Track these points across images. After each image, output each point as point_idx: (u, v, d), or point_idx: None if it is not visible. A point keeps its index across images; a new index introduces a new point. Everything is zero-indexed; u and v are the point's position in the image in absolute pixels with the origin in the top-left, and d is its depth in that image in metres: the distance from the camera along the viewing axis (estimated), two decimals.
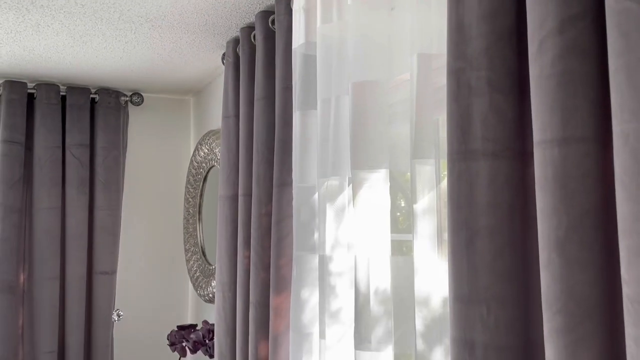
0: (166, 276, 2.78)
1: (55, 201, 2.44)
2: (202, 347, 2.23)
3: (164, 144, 2.85)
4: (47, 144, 2.44)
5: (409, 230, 1.31)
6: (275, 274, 1.54)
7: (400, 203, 1.43)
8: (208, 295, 2.43)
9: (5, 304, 2.32)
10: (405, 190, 1.31)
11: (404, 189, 1.32)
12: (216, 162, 2.44)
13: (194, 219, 2.70)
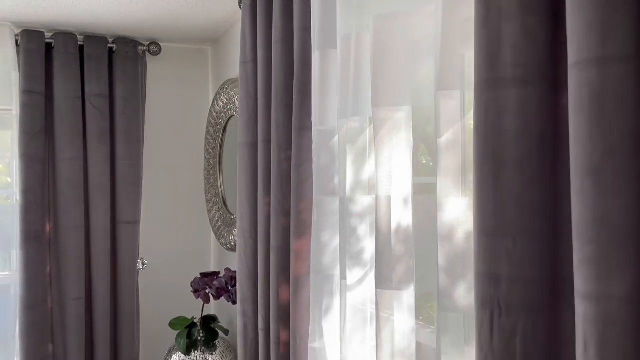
0: (189, 226, 2.82)
1: (77, 151, 2.46)
2: (225, 293, 2.27)
3: (183, 95, 2.83)
4: (66, 95, 2.43)
5: (432, 174, 1.28)
6: (295, 218, 1.53)
7: (422, 145, 1.39)
8: (230, 244, 2.46)
9: (32, 252, 2.37)
10: (428, 129, 1.27)
11: (427, 128, 1.28)
12: (235, 111, 2.42)
13: (214, 169, 2.70)
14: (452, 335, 0.96)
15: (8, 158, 2.49)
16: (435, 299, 1.08)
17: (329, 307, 1.42)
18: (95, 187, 2.49)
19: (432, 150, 1.27)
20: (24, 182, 2.35)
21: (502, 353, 0.80)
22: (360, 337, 1.29)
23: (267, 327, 1.71)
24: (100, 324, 2.47)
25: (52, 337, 2.42)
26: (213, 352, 2.30)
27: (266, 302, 1.73)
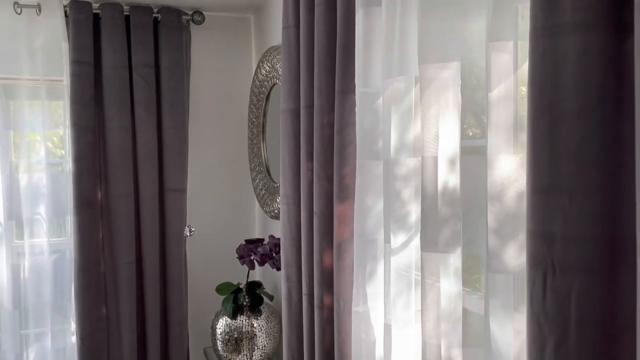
0: (233, 194, 2.85)
1: (126, 120, 2.51)
2: (269, 260, 2.30)
3: (226, 64, 2.84)
4: (114, 64, 2.47)
5: (481, 136, 1.24)
6: (338, 183, 1.52)
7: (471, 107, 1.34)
8: (273, 212, 2.48)
9: (85, 218, 2.45)
10: (476, 89, 1.22)
11: (475, 86, 1.22)
12: (278, 79, 2.40)
13: (257, 138, 2.71)
14: (501, 298, 0.93)
15: (60, 127, 2.57)
16: (482, 263, 1.05)
17: (373, 271, 1.41)
18: (143, 156, 2.54)
19: (476, 113, 1.21)
20: (76, 150, 2.42)
21: (555, 315, 0.77)
22: (405, 301, 1.28)
23: (310, 291, 1.72)
24: (150, 288, 2.55)
25: (106, 300, 2.52)
26: (258, 317, 2.34)
27: (309, 267, 1.73)
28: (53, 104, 2.53)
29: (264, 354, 2.35)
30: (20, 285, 2.45)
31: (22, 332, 2.48)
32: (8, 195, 2.41)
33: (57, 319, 2.52)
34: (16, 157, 2.46)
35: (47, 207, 2.49)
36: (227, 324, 2.33)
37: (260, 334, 2.32)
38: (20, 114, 2.45)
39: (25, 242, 2.46)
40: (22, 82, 2.43)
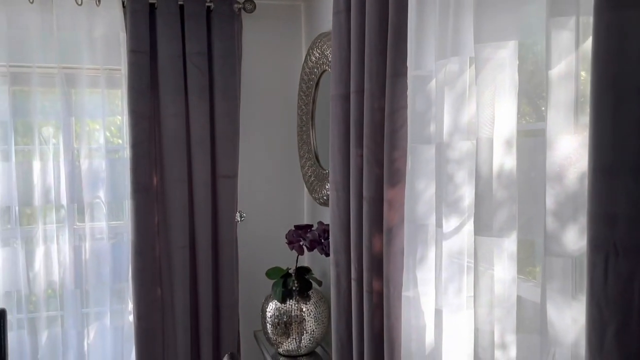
0: (283, 180, 2.89)
1: (180, 108, 2.57)
2: (317, 245, 2.32)
3: (277, 52, 2.86)
4: (169, 53, 2.54)
5: (540, 119, 1.20)
6: (389, 167, 1.51)
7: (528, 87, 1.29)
8: (322, 198, 2.49)
9: (142, 203, 2.54)
10: (535, 66, 1.18)
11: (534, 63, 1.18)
12: (328, 65, 2.40)
13: (307, 125, 2.72)
14: (559, 282, 0.90)
15: (118, 115, 2.67)
16: (537, 248, 1.02)
17: (423, 256, 1.40)
18: (197, 142, 2.60)
19: (534, 93, 1.17)
20: (133, 137, 2.51)
21: (616, 299, 0.74)
22: (457, 286, 1.26)
23: (359, 277, 1.73)
24: (203, 272, 2.62)
25: (160, 282, 2.61)
26: (307, 302, 2.37)
27: (359, 253, 1.73)
28: (111, 92, 2.63)
29: (313, 339, 2.38)
30: (81, 266, 2.58)
31: (83, 311, 2.60)
32: (70, 180, 2.53)
33: (116, 299, 2.64)
34: (77, 143, 2.58)
35: (106, 192, 2.59)
36: (276, 307, 2.37)
37: (309, 319, 2.35)
38: (80, 102, 2.56)
39: (86, 225, 2.58)
40: (83, 71, 2.53)
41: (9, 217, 2.47)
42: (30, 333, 2.50)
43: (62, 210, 2.53)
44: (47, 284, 2.53)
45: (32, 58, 2.45)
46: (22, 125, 2.52)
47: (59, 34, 2.46)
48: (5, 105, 2.42)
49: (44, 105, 2.51)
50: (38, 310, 2.53)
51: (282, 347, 2.39)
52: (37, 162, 2.50)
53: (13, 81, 2.44)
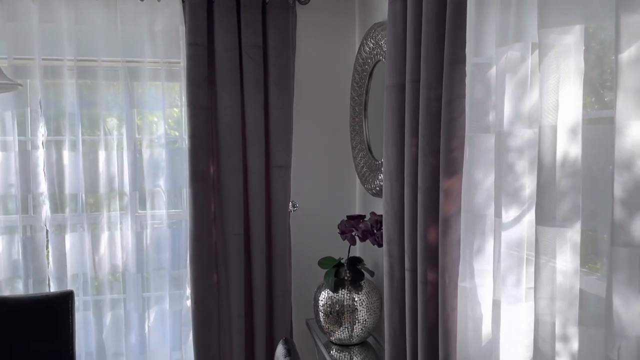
0: (335, 171, 2.90)
1: (236, 100, 2.63)
2: (370, 236, 2.32)
3: (330, 43, 2.87)
4: (225, 46, 2.60)
5: (606, 106, 1.15)
6: (445, 157, 1.49)
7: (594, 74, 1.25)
8: (375, 189, 2.49)
9: (200, 191, 2.62)
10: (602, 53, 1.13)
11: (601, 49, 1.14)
12: (382, 55, 2.39)
13: (359, 116, 2.72)
14: (625, 274, 0.87)
15: (177, 106, 2.76)
16: (602, 238, 0.99)
17: (481, 246, 1.38)
18: (251, 133, 2.66)
19: (600, 80, 1.13)
20: (191, 128, 2.59)
21: None
22: (515, 278, 1.24)
23: (414, 267, 1.72)
24: (257, 259, 2.68)
25: (217, 268, 2.69)
26: (359, 292, 2.38)
27: (413, 243, 1.73)
28: (171, 85, 2.72)
29: (365, 328, 2.39)
30: (142, 252, 2.69)
31: (144, 295, 2.72)
32: (132, 169, 2.64)
33: (174, 284, 2.74)
34: (139, 134, 2.68)
35: (165, 181, 2.69)
36: (329, 296, 2.40)
37: (361, 308, 2.36)
38: (142, 95, 2.66)
39: (147, 213, 2.69)
40: (145, 64, 2.63)
41: (76, 204, 2.60)
42: (95, 314, 2.64)
43: (125, 198, 2.65)
44: (111, 268, 2.66)
45: (97, 52, 2.56)
46: (88, 117, 2.65)
47: (122, 28, 2.57)
48: (73, 98, 2.55)
49: (108, 97, 2.62)
50: (102, 292, 2.66)
51: (334, 336, 2.42)
52: (102, 152, 2.62)
53: (80, 75, 2.57)
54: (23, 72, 2.50)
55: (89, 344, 2.63)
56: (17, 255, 2.56)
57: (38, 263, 2.58)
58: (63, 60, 2.54)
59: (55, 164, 2.57)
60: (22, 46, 2.49)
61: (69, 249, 2.59)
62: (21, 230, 2.54)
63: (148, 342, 2.72)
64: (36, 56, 2.50)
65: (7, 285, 2.58)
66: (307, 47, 2.83)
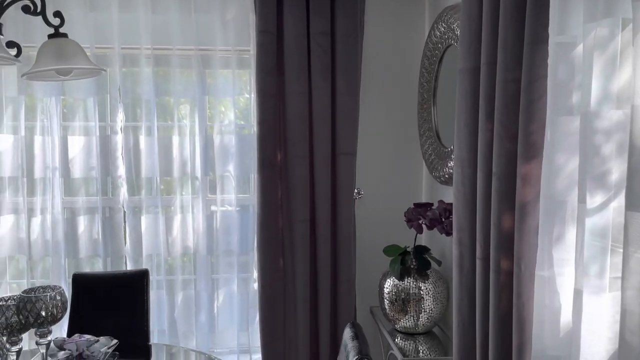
0: (401, 158, 2.87)
1: (303, 87, 2.65)
2: (438, 224, 2.28)
3: (398, 28, 2.83)
4: (294, 33, 2.62)
5: None
6: (524, 141, 1.44)
7: None
8: (443, 177, 2.44)
9: (267, 177, 2.67)
10: None
11: None
12: (454, 40, 2.33)
13: (428, 103, 2.67)
14: None
15: (246, 93, 2.81)
16: None
17: (561, 234, 1.32)
18: (318, 120, 2.67)
19: None
20: (260, 114, 2.63)
21: None
22: (599, 266, 1.18)
23: (486, 255, 1.68)
24: (322, 246, 2.70)
25: (283, 253, 2.73)
26: (425, 281, 2.35)
27: (485, 231, 1.68)
28: (240, 72, 2.77)
29: (431, 318, 2.36)
30: (213, 235, 2.78)
31: (213, 276, 2.81)
32: (204, 154, 2.72)
33: (242, 267, 2.81)
34: (210, 120, 2.76)
35: (235, 166, 2.76)
36: (394, 284, 2.38)
37: (427, 297, 2.33)
38: (213, 82, 2.73)
39: (217, 197, 2.77)
40: (216, 52, 2.70)
41: (151, 188, 2.72)
42: (168, 293, 2.75)
43: (197, 182, 2.74)
44: (183, 250, 2.76)
45: (172, 41, 2.66)
46: (162, 104, 2.75)
47: (196, 17, 2.64)
48: (150, 85, 2.66)
49: (181, 85, 2.71)
50: (175, 273, 2.77)
51: (399, 324, 2.40)
52: (175, 138, 2.72)
53: (156, 63, 2.67)
54: (103, 61, 2.63)
55: (161, 321, 2.75)
56: (97, 235, 2.71)
57: (116, 242, 2.73)
58: (140, 49, 2.65)
59: (132, 149, 2.69)
60: (103, 36, 2.62)
61: (144, 230, 2.72)
62: (101, 212, 2.69)
63: (217, 322, 2.81)
64: (115, 45, 2.63)
65: (88, 262, 2.74)
66: (375, 33, 2.80)
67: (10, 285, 2.75)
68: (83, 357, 1.94)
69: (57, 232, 2.66)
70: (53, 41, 1.64)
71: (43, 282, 2.67)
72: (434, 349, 2.31)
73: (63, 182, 2.68)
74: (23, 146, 2.64)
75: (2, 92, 2.62)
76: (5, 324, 1.57)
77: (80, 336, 2.01)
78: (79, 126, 2.68)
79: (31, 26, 2.42)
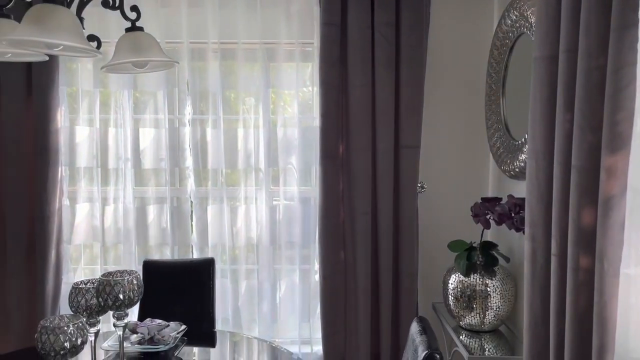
0: (467, 152, 2.80)
1: (366, 78, 2.62)
2: (507, 220, 2.20)
3: (466, 18, 2.76)
4: (358, 25, 2.60)
5: None
6: (609, 131, 1.36)
7: None
8: (513, 170, 2.35)
9: (329, 170, 2.67)
10: None
11: None
12: (527, 28, 2.24)
13: (496, 94, 2.59)
14: None
15: (309, 86, 2.82)
16: None
17: None
18: (381, 112, 2.64)
19: None
20: (323, 106, 2.63)
21: None
22: None
23: (562, 252, 1.60)
24: (383, 239, 2.67)
25: (344, 245, 2.73)
26: (492, 278, 2.28)
27: (562, 226, 1.61)
28: (304, 65, 2.78)
29: (497, 316, 2.29)
30: (275, 226, 2.81)
31: (276, 267, 2.84)
32: (267, 146, 2.76)
33: (304, 259, 2.83)
34: (273, 113, 2.79)
35: (297, 158, 2.78)
36: (459, 280, 2.33)
37: (494, 295, 2.26)
38: (277, 75, 2.76)
39: (280, 189, 2.80)
40: (280, 45, 2.72)
41: (217, 179, 2.78)
42: (232, 282, 2.81)
43: (260, 174, 2.78)
44: (246, 240, 2.81)
45: (238, 35, 2.70)
46: (228, 97, 2.80)
47: (261, 11, 2.67)
48: (216, 79, 2.72)
49: (246, 78, 2.75)
50: (238, 262, 2.82)
51: (464, 321, 2.34)
52: (240, 130, 2.77)
53: (222, 57, 2.72)
54: (173, 55, 2.70)
55: (225, 309, 2.81)
56: (166, 224, 2.80)
57: (183, 232, 2.81)
58: (207, 43, 2.71)
59: (199, 141, 2.76)
60: (172, 31, 2.69)
61: (210, 220, 2.79)
62: (169, 201, 2.78)
63: (279, 312, 2.85)
64: (184, 40, 2.70)
65: (157, 250, 2.84)
66: (441, 24, 2.74)
67: (84, 270, 2.89)
68: (154, 341, 2.02)
69: (128, 220, 2.78)
70: (130, 35, 1.70)
71: (115, 268, 2.80)
72: (500, 347, 2.24)
73: (134, 172, 2.79)
74: (97, 138, 2.77)
75: (79, 86, 2.76)
76: (85, 305, 1.65)
77: (152, 320, 2.09)
78: (149, 119, 2.78)
79: (106, 22, 2.53)
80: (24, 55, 1.66)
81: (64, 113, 2.74)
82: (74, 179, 2.80)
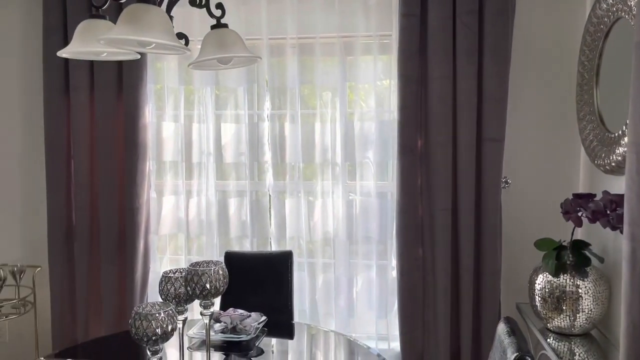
0: (555, 145, 2.65)
1: (447, 70, 2.54)
2: (602, 217, 2.06)
3: (555, 5, 2.60)
4: (439, 14, 2.52)
5: None
6: None
7: None
8: (609, 165, 2.20)
9: (407, 164, 2.61)
10: None
11: None
12: (625, 11, 2.08)
13: (589, 84, 2.42)
14: None
15: (387, 79, 2.78)
16: None
17: None
18: (462, 104, 2.55)
19: None
20: (401, 99, 2.58)
21: None
22: None
23: None
24: (464, 236, 2.59)
25: (422, 242, 2.67)
26: (584, 279, 2.15)
27: None
28: (381, 58, 2.75)
29: (589, 319, 2.15)
30: (352, 221, 2.80)
31: (352, 261, 2.84)
32: (344, 141, 2.75)
33: (380, 254, 2.81)
34: (350, 107, 2.77)
35: (374, 153, 2.75)
36: (547, 280, 2.21)
37: (586, 297, 2.13)
38: (354, 68, 2.74)
39: (357, 183, 2.79)
40: (358, 39, 2.70)
41: (294, 172, 2.81)
42: (309, 275, 2.84)
43: (337, 168, 2.78)
44: (323, 234, 2.83)
45: (315, 29, 2.71)
46: (305, 91, 2.82)
47: (339, 4, 2.66)
48: (294, 74, 2.74)
49: (323, 72, 2.76)
50: (315, 256, 2.85)
51: (552, 323, 2.22)
52: (317, 125, 2.78)
53: (300, 52, 2.74)
54: (252, 52, 2.74)
55: (302, 302, 2.84)
56: (245, 217, 2.87)
57: (262, 224, 2.87)
58: (286, 39, 2.73)
59: (277, 136, 2.80)
60: (252, 27, 2.74)
61: (287, 213, 2.82)
62: (249, 195, 2.85)
63: (355, 307, 2.84)
64: (264, 36, 2.74)
65: (237, 242, 2.92)
66: (528, 10, 2.60)
67: (170, 259, 3.03)
68: (236, 330, 2.07)
69: (210, 212, 2.87)
70: (215, 31, 1.74)
71: (198, 259, 2.91)
72: (592, 352, 2.10)
73: (216, 166, 2.88)
74: (182, 133, 2.88)
75: (165, 83, 2.88)
76: (174, 294, 1.71)
77: (235, 310, 2.15)
78: (230, 114, 2.85)
79: (189, 21, 2.62)
80: (117, 54, 1.74)
81: (152, 109, 2.87)
82: (161, 172, 2.93)
